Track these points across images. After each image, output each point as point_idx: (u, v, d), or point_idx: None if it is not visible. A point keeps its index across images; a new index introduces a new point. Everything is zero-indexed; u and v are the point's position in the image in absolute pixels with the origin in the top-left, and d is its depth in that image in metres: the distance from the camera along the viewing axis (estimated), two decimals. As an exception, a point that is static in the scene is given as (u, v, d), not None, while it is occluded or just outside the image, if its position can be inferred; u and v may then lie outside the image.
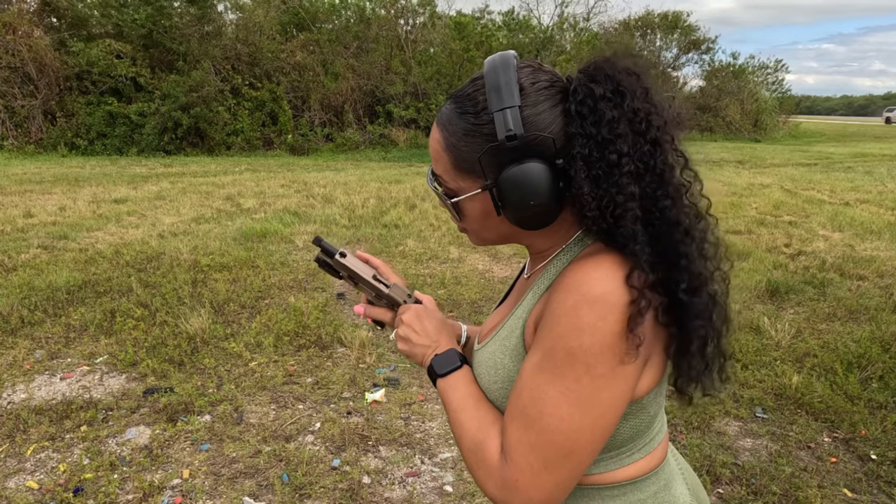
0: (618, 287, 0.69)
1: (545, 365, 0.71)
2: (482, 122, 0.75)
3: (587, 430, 0.71)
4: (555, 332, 0.70)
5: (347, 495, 2.38)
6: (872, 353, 3.56)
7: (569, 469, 0.72)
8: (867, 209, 8.67)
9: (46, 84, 16.40)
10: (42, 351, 3.66)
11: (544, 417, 0.71)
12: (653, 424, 0.82)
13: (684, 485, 0.89)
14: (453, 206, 0.82)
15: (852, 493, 2.42)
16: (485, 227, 0.84)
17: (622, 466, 0.81)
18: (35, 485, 2.41)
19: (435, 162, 0.83)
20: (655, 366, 0.76)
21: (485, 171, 0.77)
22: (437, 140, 0.81)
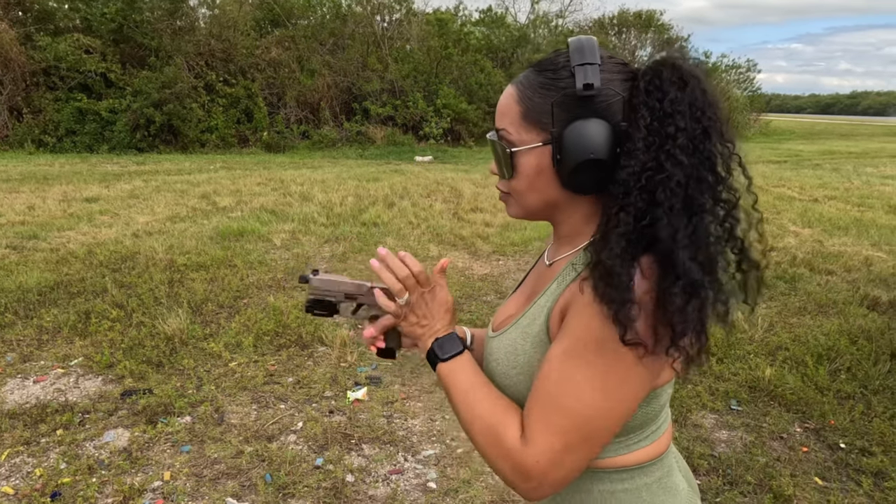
0: (645, 280, 0.72)
1: (575, 352, 0.75)
2: (560, 77, 0.80)
3: (609, 415, 0.75)
4: (586, 321, 0.74)
5: (331, 494, 2.38)
6: (841, 345, 3.67)
7: (587, 451, 0.76)
8: (835, 205, 8.92)
9: (12, 79, 15.93)
10: (13, 354, 3.58)
11: (570, 401, 0.74)
12: (661, 413, 0.86)
13: (679, 474, 0.92)
14: (510, 157, 0.84)
15: (823, 480, 2.50)
16: (532, 188, 0.84)
17: (631, 451, 0.84)
18: (10, 490, 2.36)
19: (501, 116, 0.85)
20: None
21: (554, 121, 0.80)
22: (511, 94, 0.84)
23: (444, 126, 19.04)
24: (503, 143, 0.84)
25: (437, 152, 17.20)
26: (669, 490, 0.88)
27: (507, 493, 2.40)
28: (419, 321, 0.92)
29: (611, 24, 30.23)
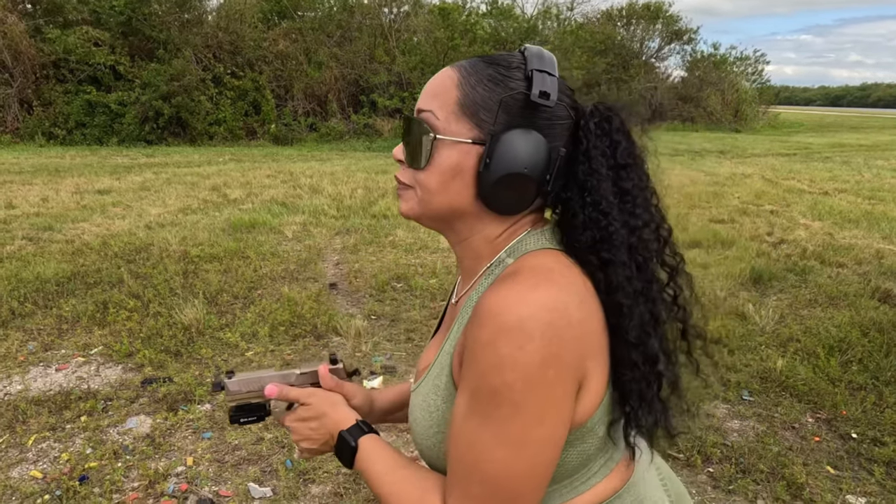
0: (535, 310, 0.63)
1: (474, 407, 0.66)
2: (512, 77, 0.72)
3: (527, 471, 0.66)
4: (476, 369, 0.65)
5: (350, 479, 2.43)
6: (852, 337, 3.69)
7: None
8: (845, 198, 8.89)
9: (22, 72, 16.03)
10: (35, 343, 3.65)
11: (481, 464, 0.66)
12: (604, 447, 0.76)
13: (666, 498, 0.84)
14: (430, 145, 0.73)
15: (835, 469, 2.54)
16: (442, 187, 0.74)
17: (578, 495, 0.76)
18: (39, 474, 2.43)
19: (431, 97, 0.75)
20: (594, 384, 0.69)
21: (495, 120, 0.71)
22: (449, 76, 0.74)
23: (452, 118, 19.01)
24: (425, 125, 0.74)
25: (445, 145, 17.19)
26: None
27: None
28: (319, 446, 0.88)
29: (619, 15, 30.05)
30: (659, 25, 30.04)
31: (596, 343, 0.68)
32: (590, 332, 0.67)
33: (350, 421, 0.85)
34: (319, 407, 0.87)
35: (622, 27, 30.01)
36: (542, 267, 0.70)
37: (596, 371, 0.69)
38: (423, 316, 4.14)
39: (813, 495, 2.35)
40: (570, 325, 0.64)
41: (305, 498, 2.33)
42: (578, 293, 0.67)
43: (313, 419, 0.87)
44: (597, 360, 0.69)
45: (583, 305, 0.67)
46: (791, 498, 2.35)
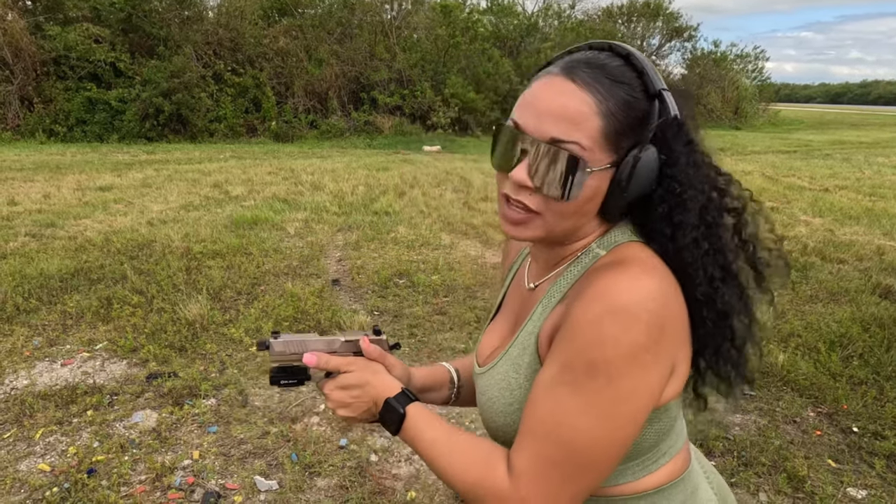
0: (644, 296, 0.67)
1: (564, 377, 0.69)
2: (637, 97, 0.73)
3: (607, 442, 0.69)
4: (575, 343, 0.68)
5: (356, 472, 2.46)
6: (853, 332, 3.71)
7: (587, 481, 0.71)
8: (846, 195, 8.91)
9: (22, 69, 16.02)
10: (40, 338, 3.66)
11: (563, 430, 0.69)
12: (675, 426, 0.81)
13: (710, 489, 0.88)
14: (583, 178, 0.72)
15: (836, 463, 2.56)
16: (578, 212, 0.75)
17: (648, 474, 0.80)
18: (47, 467, 2.45)
19: (572, 126, 0.71)
20: (682, 370, 0.75)
21: (634, 144, 0.73)
22: (583, 100, 0.71)
23: (452, 115, 19.03)
24: (580, 159, 0.71)
25: (445, 142, 17.21)
26: None
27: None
28: (359, 413, 0.88)
29: (619, 12, 30.02)
30: (659, 23, 30.02)
31: (685, 331, 0.73)
32: (683, 322, 0.72)
33: (395, 388, 0.86)
34: (362, 375, 0.87)
35: (623, 24, 29.99)
36: (643, 258, 0.73)
37: (685, 357, 0.74)
38: (426, 311, 4.16)
39: (814, 488, 2.38)
40: (671, 316, 0.69)
41: (311, 491, 2.35)
42: (673, 284, 0.72)
43: (355, 387, 0.87)
44: (686, 348, 0.74)
45: (678, 297, 0.71)
46: (793, 490, 2.37)
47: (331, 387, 0.89)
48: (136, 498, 2.27)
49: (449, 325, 3.96)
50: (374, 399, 0.86)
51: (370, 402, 0.86)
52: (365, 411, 0.87)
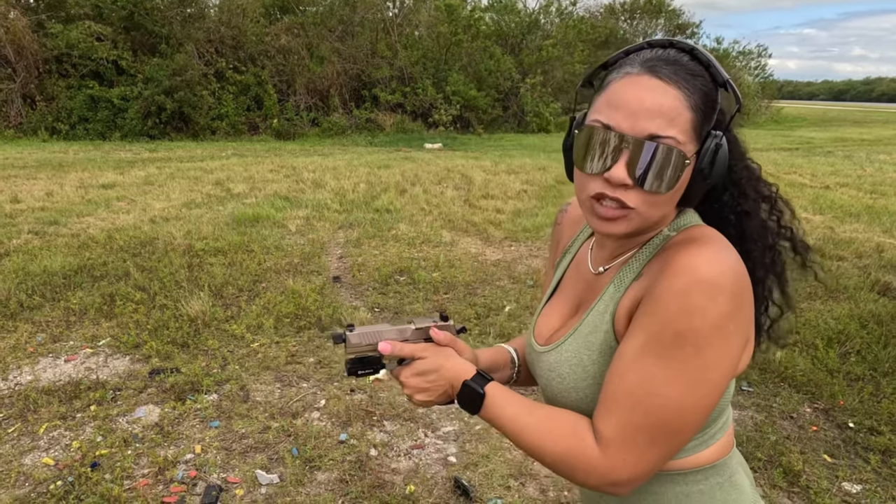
0: (727, 268, 0.71)
1: (651, 348, 0.73)
2: (709, 89, 0.77)
3: (694, 409, 0.73)
4: (662, 315, 0.72)
5: (356, 467, 2.48)
6: (851, 329, 3.73)
7: (672, 447, 0.75)
8: (847, 192, 8.91)
9: (25, 67, 16.05)
10: (43, 334, 3.70)
11: (653, 398, 0.73)
12: (728, 403, 0.86)
13: (743, 473, 0.92)
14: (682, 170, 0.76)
15: (832, 458, 2.58)
16: (669, 202, 0.80)
17: (706, 448, 0.84)
18: (51, 461, 2.48)
19: (667, 121, 0.74)
20: (751, 342, 0.80)
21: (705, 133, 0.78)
22: (674, 96, 0.74)
23: (454, 113, 19.03)
24: (681, 154, 0.75)
25: (447, 139, 17.21)
26: (738, 488, 0.87)
27: (525, 466, 2.49)
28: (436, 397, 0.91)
29: (622, 9, 29.95)
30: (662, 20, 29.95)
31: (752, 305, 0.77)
32: (751, 295, 0.76)
33: (471, 371, 0.89)
34: (436, 360, 0.90)
35: (625, 21, 29.93)
36: (716, 236, 0.77)
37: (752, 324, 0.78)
38: (427, 308, 4.19)
39: (809, 482, 2.40)
40: (748, 288, 0.74)
41: (311, 484, 2.38)
42: (740, 258, 0.76)
43: (431, 372, 0.90)
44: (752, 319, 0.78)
45: (747, 272, 0.75)
46: (788, 485, 2.39)
47: (407, 374, 0.92)
48: (139, 491, 2.31)
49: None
50: (450, 382, 0.89)
51: (447, 384, 0.90)
52: (441, 394, 0.91)
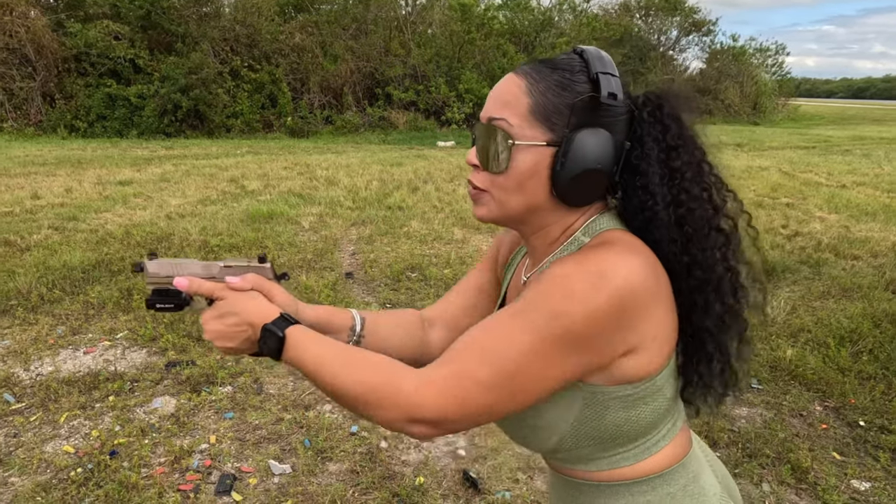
0: (619, 268, 0.70)
1: (518, 313, 0.72)
2: (577, 81, 0.78)
3: (531, 378, 0.71)
4: (541, 290, 0.71)
5: (367, 458, 2.53)
6: (864, 328, 3.71)
7: (496, 410, 0.72)
8: (863, 191, 8.80)
9: (45, 65, 16.32)
10: (63, 327, 3.79)
11: (495, 343, 0.71)
12: (672, 408, 0.82)
13: (713, 475, 0.88)
14: (509, 150, 0.78)
15: (841, 455, 2.58)
16: (520, 188, 0.80)
17: (650, 456, 0.81)
18: (71, 449, 2.55)
19: (502, 105, 0.79)
20: (665, 346, 0.77)
21: (567, 123, 0.78)
22: (517, 84, 0.79)
23: (467, 111, 19.04)
24: (503, 132, 0.78)
25: (460, 137, 17.23)
26: (696, 496, 0.83)
27: (533, 460, 2.52)
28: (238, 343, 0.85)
29: (637, 6, 29.73)
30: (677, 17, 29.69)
31: (660, 314, 0.75)
32: (655, 304, 0.74)
33: (274, 314, 0.83)
34: (236, 302, 0.83)
35: (640, 18, 29.71)
36: (628, 240, 0.77)
37: (656, 337, 0.75)
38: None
39: (818, 479, 2.40)
40: (645, 295, 0.71)
41: (323, 475, 2.43)
42: (654, 266, 0.75)
43: (231, 314, 0.83)
44: (660, 328, 0.75)
45: (658, 279, 0.74)
46: (796, 482, 2.40)
47: (207, 316, 0.85)
48: (155, 479, 2.37)
49: (459, 317, 4.02)
50: (251, 326, 0.82)
51: (249, 330, 0.82)
52: (244, 340, 0.83)
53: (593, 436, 0.79)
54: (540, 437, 0.82)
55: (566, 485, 0.88)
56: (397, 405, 0.72)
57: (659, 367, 0.77)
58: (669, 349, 0.78)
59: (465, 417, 0.72)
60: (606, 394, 0.76)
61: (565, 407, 0.78)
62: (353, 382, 0.75)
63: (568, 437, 0.80)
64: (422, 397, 0.71)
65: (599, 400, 0.77)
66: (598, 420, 0.78)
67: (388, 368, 0.75)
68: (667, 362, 0.78)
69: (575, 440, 0.80)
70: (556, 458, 0.86)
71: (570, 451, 0.82)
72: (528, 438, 0.84)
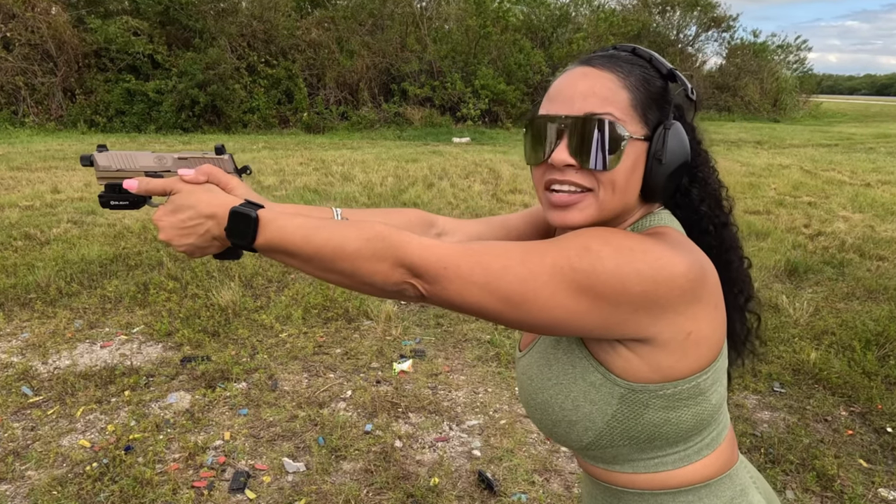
0: (669, 257, 0.69)
1: (552, 241, 0.72)
2: (653, 76, 0.79)
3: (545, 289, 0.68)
4: (581, 232, 0.72)
5: (381, 458, 2.51)
6: (891, 331, 3.61)
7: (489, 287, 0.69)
8: (889, 190, 8.60)
9: (65, 61, 16.50)
10: (81, 321, 3.81)
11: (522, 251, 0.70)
12: (717, 416, 0.80)
13: (759, 493, 0.85)
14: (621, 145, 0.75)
15: (868, 463, 2.50)
16: (624, 187, 0.76)
17: (691, 463, 0.78)
18: (87, 443, 2.56)
19: (603, 101, 0.75)
20: (704, 346, 0.74)
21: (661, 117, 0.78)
22: (610, 79, 0.76)
23: (482, 107, 18.94)
24: (617, 127, 0.74)
25: (475, 133, 17.15)
26: None
27: (549, 462, 2.48)
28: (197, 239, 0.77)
29: (654, 2, 29.37)
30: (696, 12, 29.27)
31: (700, 313, 0.73)
32: (694, 302, 0.71)
33: (238, 200, 0.76)
34: (192, 195, 0.76)
35: (658, 14, 29.34)
36: (679, 236, 0.77)
37: (691, 334, 0.73)
38: (452, 302, 4.18)
39: (844, 487, 2.34)
40: (680, 285, 0.69)
41: (337, 474, 2.41)
42: (703, 266, 0.73)
43: (186, 208, 0.76)
44: (697, 326, 0.73)
45: (706, 279, 0.72)
46: (821, 489, 2.33)
47: (160, 214, 0.77)
48: (170, 475, 2.36)
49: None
50: (212, 218, 0.75)
51: (209, 223, 0.75)
52: (203, 235, 0.76)
53: (630, 435, 0.77)
54: (576, 432, 0.80)
55: (605, 492, 0.86)
56: (394, 252, 0.69)
57: (698, 367, 0.75)
58: (710, 352, 0.75)
59: (459, 280, 0.69)
60: (645, 392, 0.74)
61: (603, 402, 0.76)
62: (352, 238, 0.70)
63: (605, 435, 0.78)
64: (424, 248, 0.69)
65: (638, 398, 0.75)
66: (635, 419, 0.76)
67: (389, 226, 0.71)
68: (708, 364, 0.76)
69: (611, 438, 0.78)
70: (593, 458, 0.84)
71: (606, 449, 0.80)
72: (565, 434, 0.81)
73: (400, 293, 0.72)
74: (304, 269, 0.74)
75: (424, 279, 0.70)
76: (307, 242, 0.71)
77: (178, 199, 0.77)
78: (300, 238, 0.71)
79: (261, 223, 0.72)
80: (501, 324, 0.73)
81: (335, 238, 0.70)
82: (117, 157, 0.80)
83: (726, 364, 0.81)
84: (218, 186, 0.82)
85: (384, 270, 0.69)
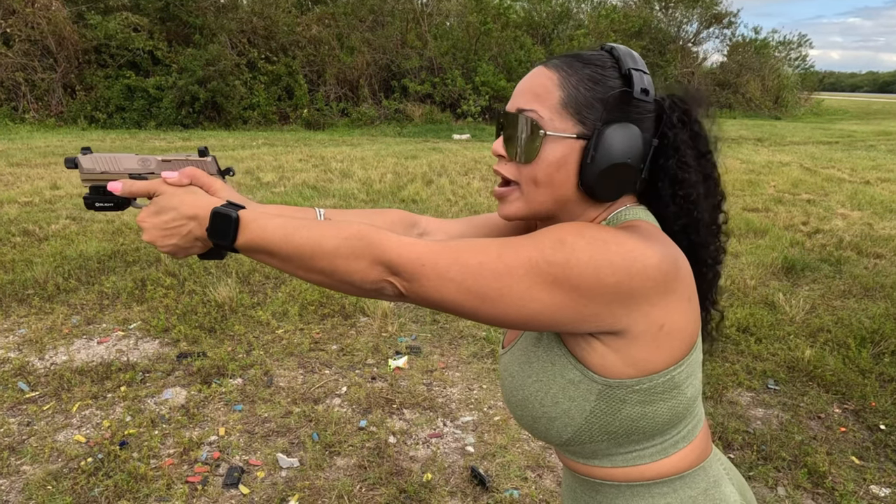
0: (642, 249, 0.70)
1: (529, 235, 0.73)
2: (608, 76, 0.79)
3: (520, 284, 0.69)
4: (556, 226, 0.73)
5: (375, 453, 2.52)
6: (886, 329, 3.61)
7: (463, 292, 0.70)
8: (888, 188, 8.60)
9: (66, 57, 16.50)
10: (78, 317, 3.82)
11: (498, 246, 0.71)
12: (692, 409, 0.81)
13: (731, 485, 0.87)
14: (540, 140, 0.77)
15: (860, 460, 2.51)
16: (549, 180, 0.79)
17: (667, 456, 0.80)
18: (82, 438, 2.57)
19: (532, 97, 0.79)
20: (677, 339, 0.75)
21: (599, 117, 0.78)
22: (548, 77, 0.79)
23: (483, 104, 18.93)
24: (534, 123, 0.77)
25: (475, 130, 17.14)
26: (717, 501, 0.82)
27: (542, 458, 2.49)
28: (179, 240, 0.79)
29: (656, -2, 29.26)
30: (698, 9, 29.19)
31: (673, 305, 0.74)
32: (667, 294, 0.72)
33: (220, 201, 0.78)
34: (174, 196, 0.78)
35: (660, 10, 29.26)
36: (652, 229, 0.78)
37: (664, 326, 0.74)
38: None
39: (835, 484, 2.34)
40: (653, 276, 0.70)
41: (331, 469, 2.42)
42: (676, 258, 0.75)
43: (168, 209, 0.78)
44: (670, 318, 0.74)
45: (679, 271, 0.74)
46: (812, 486, 2.34)
47: (143, 215, 0.79)
48: (164, 470, 2.38)
49: (471, 312, 3.99)
50: (192, 219, 0.77)
51: (191, 223, 0.77)
52: (186, 237, 0.78)
53: (608, 430, 0.78)
54: (556, 428, 0.81)
55: (584, 485, 0.88)
56: (372, 250, 0.70)
57: (672, 360, 0.76)
58: (683, 344, 0.76)
59: (436, 278, 0.70)
60: (621, 387, 0.76)
61: (581, 399, 0.77)
62: (330, 237, 0.71)
63: (583, 430, 0.79)
64: (402, 245, 0.70)
65: (615, 394, 0.76)
66: (613, 414, 0.77)
67: (368, 225, 0.73)
68: (682, 357, 0.77)
69: (590, 433, 0.79)
70: (572, 452, 0.85)
71: (585, 444, 0.81)
72: (545, 430, 0.82)
73: (378, 291, 0.73)
74: (285, 269, 0.75)
75: (402, 277, 0.70)
76: (287, 242, 0.72)
77: (161, 201, 0.79)
78: (280, 237, 0.73)
79: (241, 223, 0.74)
80: (478, 320, 0.73)
81: (314, 237, 0.72)
82: (101, 160, 0.82)
83: (701, 357, 0.82)
84: (201, 188, 0.84)
85: (362, 268, 0.71)
